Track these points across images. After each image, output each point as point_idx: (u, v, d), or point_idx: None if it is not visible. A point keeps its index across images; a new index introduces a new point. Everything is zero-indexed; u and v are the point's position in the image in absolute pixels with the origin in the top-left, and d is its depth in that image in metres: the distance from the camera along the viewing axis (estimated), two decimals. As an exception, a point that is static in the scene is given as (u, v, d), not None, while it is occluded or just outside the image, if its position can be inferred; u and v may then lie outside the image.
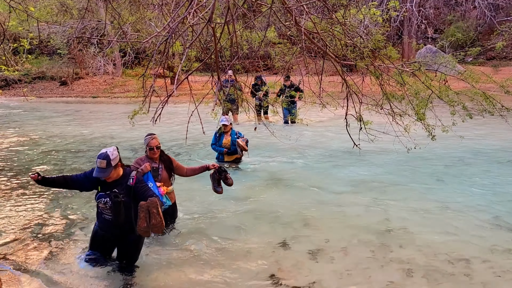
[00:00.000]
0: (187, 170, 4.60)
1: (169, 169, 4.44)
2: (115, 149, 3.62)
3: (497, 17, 22.74)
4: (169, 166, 4.45)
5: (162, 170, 4.38)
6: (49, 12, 10.37)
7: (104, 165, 3.48)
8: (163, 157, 4.47)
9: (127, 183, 3.60)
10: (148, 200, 3.22)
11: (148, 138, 4.37)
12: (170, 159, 4.52)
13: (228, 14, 3.75)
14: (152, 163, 4.28)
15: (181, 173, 4.59)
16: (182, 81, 4.22)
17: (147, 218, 3.10)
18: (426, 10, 24.95)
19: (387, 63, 5.60)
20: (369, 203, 5.56)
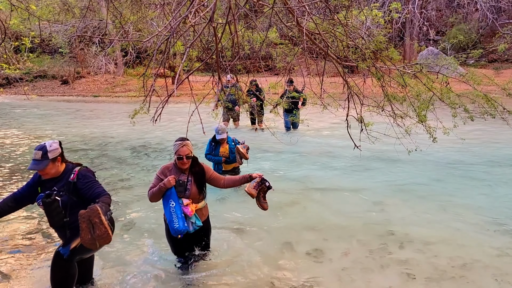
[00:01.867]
0: (225, 181, 3.73)
1: (200, 182, 3.63)
2: (56, 142, 3.19)
3: (499, 20, 22.72)
4: (200, 179, 3.63)
5: (191, 184, 3.56)
6: (51, 11, 10.37)
7: (39, 157, 3.04)
8: (195, 167, 3.64)
9: (68, 179, 3.13)
10: (88, 209, 2.71)
11: (178, 145, 3.55)
12: (203, 169, 3.68)
13: (229, 14, 3.74)
14: (179, 175, 3.55)
15: (217, 185, 3.75)
16: (183, 81, 4.20)
17: (90, 228, 2.68)
18: (428, 12, 24.94)
19: (389, 65, 5.58)
20: (369, 204, 5.54)
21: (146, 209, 5.44)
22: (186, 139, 3.60)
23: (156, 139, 10.47)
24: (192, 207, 3.50)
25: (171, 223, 3.35)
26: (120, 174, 7.19)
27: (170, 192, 3.44)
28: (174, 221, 3.35)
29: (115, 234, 4.62)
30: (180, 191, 3.48)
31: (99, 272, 3.77)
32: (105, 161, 8.22)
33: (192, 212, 3.47)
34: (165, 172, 3.58)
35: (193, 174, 3.62)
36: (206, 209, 3.80)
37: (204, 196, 3.71)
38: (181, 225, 3.33)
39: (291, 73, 10.14)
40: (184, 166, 3.54)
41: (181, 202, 3.44)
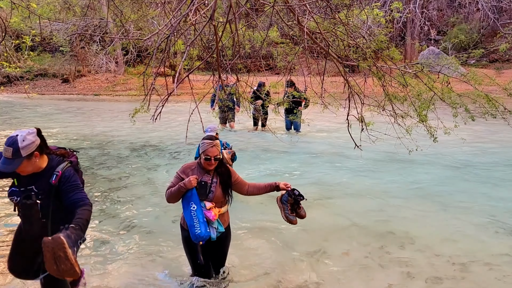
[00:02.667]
0: (249, 188, 3.39)
1: (226, 184, 3.29)
2: (32, 132, 2.56)
3: (500, 20, 22.69)
4: (226, 181, 3.29)
5: (215, 186, 3.22)
6: (52, 9, 10.36)
7: (9, 155, 2.45)
8: (220, 168, 3.31)
9: (49, 180, 2.60)
10: (52, 239, 2.17)
11: (206, 144, 3.17)
12: (229, 171, 3.35)
13: (230, 12, 3.73)
14: (203, 175, 3.22)
15: (240, 190, 3.40)
16: (183, 80, 4.20)
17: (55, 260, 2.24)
18: (429, 11, 24.91)
19: (390, 64, 5.57)
20: (368, 204, 5.54)
21: (146, 208, 5.44)
22: (215, 138, 3.26)
23: (156, 138, 10.47)
24: (215, 211, 3.16)
25: (192, 228, 3.02)
26: (120, 173, 7.19)
27: (191, 194, 3.10)
28: (195, 225, 3.02)
29: (116, 234, 4.63)
30: (202, 193, 3.13)
31: (97, 271, 3.76)
32: (106, 160, 8.22)
33: (215, 216, 3.14)
34: (186, 171, 3.24)
35: (219, 175, 3.27)
36: (228, 215, 3.42)
37: (228, 200, 3.34)
38: (203, 231, 3.01)
39: (292, 73, 10.09)
40: (210, 168, 3.21)
41: (203, 206, 3.12)
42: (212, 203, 3.17)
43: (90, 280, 3.61)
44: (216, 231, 3.18)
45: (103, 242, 4.40)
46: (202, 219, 3.05)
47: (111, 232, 4.67)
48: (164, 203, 5.57)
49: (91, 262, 3.95)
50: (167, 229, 4.73)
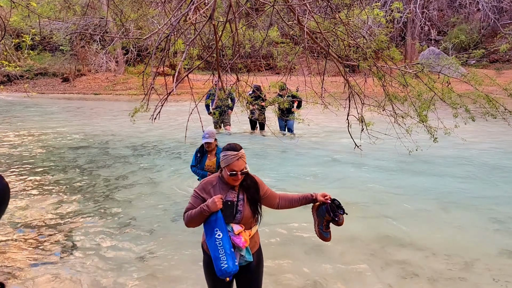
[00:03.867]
0: (281, 200, 2.88)
1: (255, 200, 2.73)
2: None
3: (500, 20, 22.68)
4: (254, 196, 2.73)
5: (243, 204, 2.67)
6: (52, 8, 10.35)
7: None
8: (246, 180, 2.74)
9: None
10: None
11: (231, 156, 2.62)
12: (256, 184, 2.78)
13: (230, 12, 3.72)
14: (227, 193, 2.68)
15: (270, 204, 2.87)
16: (183, 79, 4.19)
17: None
18: (429, 11, 24.90)
19: (390, 64, 5.57)
20: (368, 203, 5.53)
21: (145, 207, 5.43)
22: (240, 147, 2.71)
23: (156, 137, 10.46)
24: (245, 236, 2.63)
25: (217, 261, 2.52)
26: (120, 172, 7.18)
27: (215, 218, 2.60)
28: (221, 258, 2.52)
29: (115, 233, 4.63)
30: (228, 215, 2.62)
31: (97, 271, 3.76)
32: (106, 159, 8.21)
33: (246, 243, 2.62)
34: (207, 189, 2.69)
35: (245, 190, 2.72)
36: (258, 236, 2.85)
37: (258, 219, 2.76)
38: (230, 265, 2.53)
39: (292, 72, 10.09)
40: (236, 183, 2.68)
41: (231, 230, 2.61)
42: (241, 226, 2.63)
43: (90, 279, 3.60)
44: (242, 259, 2.66)
45: (102, 241, 4.39)
46: (230, 249, 2.55)
47: (111, 231, 4.66)
48: (163, 202, 5.59)
49: (91, 261, 3.95)
50: (167, 229, 4.72)
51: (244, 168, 2.65)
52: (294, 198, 2.87)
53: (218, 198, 2.58)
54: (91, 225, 4.84)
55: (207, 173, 5.12)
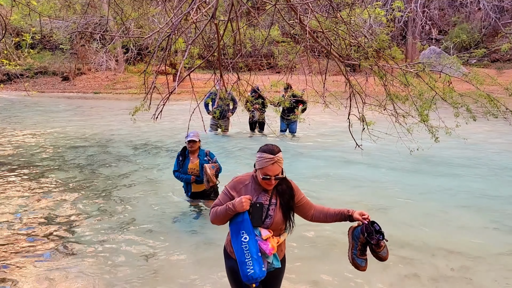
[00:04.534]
0: (315, 212, 2.67)
1: (288, 207, 2.56)
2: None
3: (501, 19, 22.66)
4: (288, 202, 2.56)
5: (274, 209, 2.51)
6: (52, 7, 10.33)
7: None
8: (281, 184, 2.57)
9: None
10: None
11: (266, 160, 2.43)
12: (291, 190, 2.59)
13: (231, 11, 3.70)
14: (259, 194, 2.52)
15: (304, 214, 2.69)
16: (184, 78, 4.17)
17: None
18: (430, 11, 24.88)
19: (391, 64, 5.56)
20: (368, 203, 5.52)
21: (145, 206, 5.42)
22: (277, 150, 2.48)
23: (156, 136, 10.44)
24: (273, 243, 2.46)
25: (242, 266, 2.37)
26: (120, 171, 7.17)
27: (241, 219, 2.44)
28: (247, 263, 2.36)
29: (115, 232, 4.62)
30: (257, 218, 2.45)
31: (96, 270, 3.75)
32: (106, 158, 8.20)
33: (273, 250, 2.44)
34: (238, 188, 2.54)
35: (279, 195, 2.54)
36: (285, 244, 2.68)
37: (288, 226, 2.59)
38: (257, 270, 2.37)
39: (293, 71, 10.05)
40: (269, 187, 2.51)
41: (259, 234, 2.45)
42: (269, 231, 2.47)
43: (89, 278, 3.59)
44: (270, 266, 2.48)
45: (102, 241, 4.38)
46: (256, 254, 2.39)
47: (111, 230, 4.65)
48: (164, 202, 5.58)
49: (90, 260, 3.94)
50: (167, 228, 4.71)
51: (280, 173, 2.47)
52: (329, 212, 2.63)
53: (246, 198, 2.43)
54: (91, 224, 4.83)
55: (191, 177, 4.94)
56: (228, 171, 6.04)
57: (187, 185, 5.14)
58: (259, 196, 2.51)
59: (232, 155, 8.28)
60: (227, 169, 6.06)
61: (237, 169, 6.79)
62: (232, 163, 7.58)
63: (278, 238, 2.52)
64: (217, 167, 4.85)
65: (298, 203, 2.62)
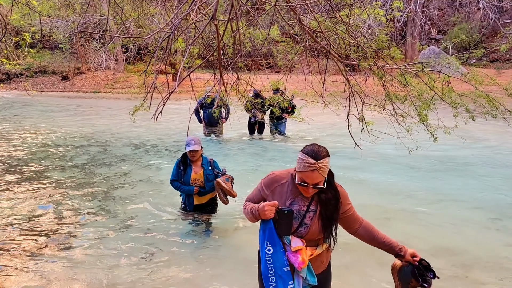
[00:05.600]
0: (361, 228, 2.33)
1: (330, 219, 2.20)
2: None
3: (501, 19, 22.68)
4: (330, 213, 2.20)
5: (313, 217, 2.18)
6: (52, 6, 10.34)
7: None
8: (326, 193, 2.19)
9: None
10: None
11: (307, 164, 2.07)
12: (337, 200, 2.22)
13: (231, 11, 3.71)
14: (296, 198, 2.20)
15: (348, 226, 2.34)
16: (184, 78, 4.18)
17: None
18: (430, 11, 24.90)
19: (391, 64, 5.56)
20: (369, 203, 5.53)
21: (144, 206, 5.43)
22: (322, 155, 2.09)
23: (156, 136, 10.45)
24: (304, 256, 2.11)
25: (266, 281, 2.12)
26: (119, 171, 7.18)
27: (266, 227, 2.15)
28: (270, 279, 2.11)
29: (114, 231, 4.62)
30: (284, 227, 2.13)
31: (95, 269, 3.76)
32: (105, 157, 8.21)
33: (303, 263, 2.10)
34: (272, 186, 2.25)
35: (322, 203, 2.18)
36: (327, 256, 2.33)
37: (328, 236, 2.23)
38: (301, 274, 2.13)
39: (292, 71, 10.02)
40: (307, 195, 2.16)
41: (288, 243, 2.14)
42: (302, 241, 2.14)
43: (88, 278, 3.60)
44: (304, 283, 2.17)
45: (101, 240, 4.39)
46: (281, 269, 2.10)
47: (110, 229, 4.66)
48: (163, 201, 5.59)
49: (89, 260, 3.95)
50: (166, 228, 4.72)
51: (320, 182, 2.08)
52: (377, 236, 2.31)
53: (269, 206, 2.10)
54: (90, 224, 4.84)
55: (194, 188, 4.43)
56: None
57: (187, 197, 4.60)
58: (295, 200, 2.17)
59: (232, 158, 8.29)
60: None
61: (236, 171, 6.80)
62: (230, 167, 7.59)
63: (313, 249, 2.18)
64: (231, 178, 4.38)
65: (343, 214, 2.25)
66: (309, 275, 2.15)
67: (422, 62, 6.14)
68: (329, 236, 2.23)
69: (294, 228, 2.15)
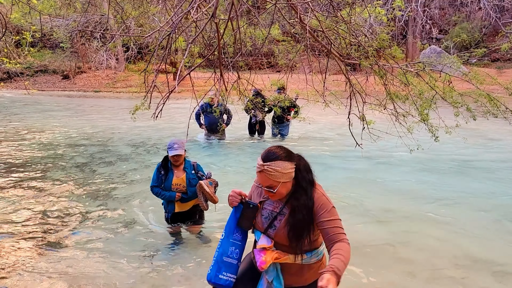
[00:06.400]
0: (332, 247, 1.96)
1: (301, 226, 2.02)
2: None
3: (502, 19, 22.63)
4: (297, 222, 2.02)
5: (284, 220, 2.06)
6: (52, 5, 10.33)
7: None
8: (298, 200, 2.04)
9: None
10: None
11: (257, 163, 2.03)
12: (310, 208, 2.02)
13: (232, 10, 3.70)
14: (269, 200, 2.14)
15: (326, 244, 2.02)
16: (184, 77, 4.17)
17: None
18: (431, 10, 24.86)
19: (392, 63, 5.55)
20: (369, 202, 5.52)
21: (145, 205, 5.42)
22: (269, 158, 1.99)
23: (156, 135, 10.45)
24: (268, 257, 2.03)
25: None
26: (120, 170, 7.18)
27: (231, 214, 2.17)
28: (212, 261, 2.15)
29: (114, 231, 4.62)
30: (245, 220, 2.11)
31: (96, 269, 3.75)
32: (106, 157, 8.20)
33: (264, 264, 2.01)
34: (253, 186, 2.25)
35: (291, 210, 2.05)
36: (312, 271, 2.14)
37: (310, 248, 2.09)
38: (212, 274, 2.11)
39: (293, 70, 9.99)
40: (271, 197, 2.07)
41: (257, 239, 2.13)
42: (270, 242, 2.06)
43: (88, 278, 3.60)
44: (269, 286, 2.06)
45: (102, 239, 4.39)
46: (221, 257, 2.11)
47: (111, 229, 4.65)
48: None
49: (90, 260, 3.94)
50: (167, 227, 4.72)
51: (272, 187, 1.98)
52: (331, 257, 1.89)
53: (235, 193, 2.14)
54: (90, 223, 4.84)
55: (176, 194, 4.11)
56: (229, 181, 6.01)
57: (168, 204, 4.25)
58: (269, 200, 2.12)
59: (232, 158, 8.27)
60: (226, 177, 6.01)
61: (237, 171, 6.80)
62: (230, 167, 7.58)
63: (283, 254, 2.05)
64: (215, 183, 4.05)
65: (319, 224, 2.00)
66: (276, 281, 2.05)
67: (423, 61, 6.12)
68: (297, 247, 2.03)
69: (264, 228, 2.11)
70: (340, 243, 1.94)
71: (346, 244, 1.94)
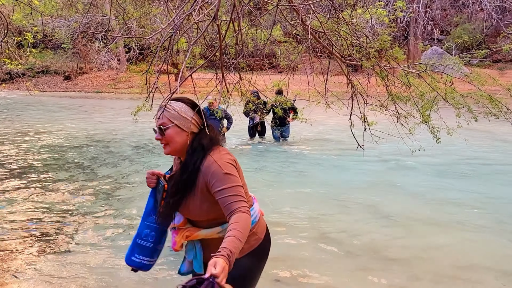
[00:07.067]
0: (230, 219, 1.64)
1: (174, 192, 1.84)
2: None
3: (504, 20, 22.61)
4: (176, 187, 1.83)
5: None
6: (54, 6, 10.36)
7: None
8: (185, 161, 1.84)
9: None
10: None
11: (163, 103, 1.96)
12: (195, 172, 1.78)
13: (233, 11, 3.70)
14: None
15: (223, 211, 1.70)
16: (186, 78, 4.18)
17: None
18: (432, 11, 24.86)
19: (393, 64, 5.55)
20: (370, 203, 5.52)
21: (147, 206, 5.43)
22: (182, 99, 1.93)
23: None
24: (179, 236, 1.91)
25: None
26: (122, 171, 7.18)
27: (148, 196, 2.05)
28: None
29: (116, 231, 4.62)
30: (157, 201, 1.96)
31: (94, 270, 3.76)
32: (108, 158, 8.21)
33: (174, 244, 1.93)
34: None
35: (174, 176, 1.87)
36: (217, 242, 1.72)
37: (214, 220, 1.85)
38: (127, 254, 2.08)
39: (295, 71, 9.96)
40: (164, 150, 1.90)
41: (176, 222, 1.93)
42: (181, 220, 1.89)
43: (88, 278, 3.60)
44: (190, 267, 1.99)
45: (103, 240, 4.39)
46: (135, 239, 2.05)
47: (112, 230, 4.66)
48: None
49: (90, 260, 3.94)
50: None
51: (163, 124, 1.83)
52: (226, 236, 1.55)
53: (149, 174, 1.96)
54: (92, 224, 4.84)
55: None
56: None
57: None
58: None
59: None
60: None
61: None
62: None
63: (193, 232, 1.87)
64: None
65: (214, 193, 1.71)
66: (195, 261, 1.93)
67: (425, 62, 6.12)
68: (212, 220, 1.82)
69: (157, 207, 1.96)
70: (235, 214, 1.63)
71: (242, 214, 1.63)
